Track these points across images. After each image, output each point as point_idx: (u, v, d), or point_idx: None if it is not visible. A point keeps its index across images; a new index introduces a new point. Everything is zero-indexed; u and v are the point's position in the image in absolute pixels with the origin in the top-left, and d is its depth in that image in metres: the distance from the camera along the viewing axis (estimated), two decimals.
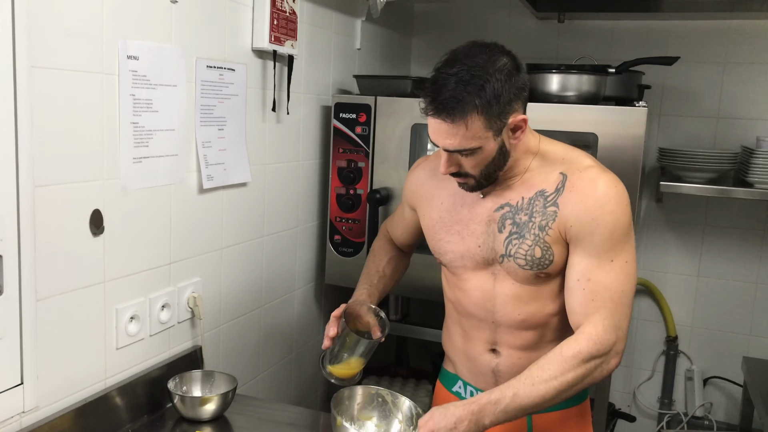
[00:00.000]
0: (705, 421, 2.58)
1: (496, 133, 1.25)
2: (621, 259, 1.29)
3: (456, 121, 1.22)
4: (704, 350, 2.62)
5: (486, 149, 1.26)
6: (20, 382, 1.21)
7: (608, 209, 1.27)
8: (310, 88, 2.10)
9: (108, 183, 1.36)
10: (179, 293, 1.60)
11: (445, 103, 1.21)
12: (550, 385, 1.24)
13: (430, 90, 1.24)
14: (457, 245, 1.42)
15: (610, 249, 1.28)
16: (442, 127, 1.24)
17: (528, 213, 1.34)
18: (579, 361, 1.25)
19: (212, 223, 1.71)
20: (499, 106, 1.22)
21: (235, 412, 1.52)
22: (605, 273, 1.28)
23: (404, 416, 1.40)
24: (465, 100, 1.20)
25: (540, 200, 1.33)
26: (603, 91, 2.01)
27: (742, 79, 2.44)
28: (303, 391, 2.28)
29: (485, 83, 1.21)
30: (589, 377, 1.27)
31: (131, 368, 1.48)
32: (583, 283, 1.29)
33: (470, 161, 1.28)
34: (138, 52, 1.39)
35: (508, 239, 1.35)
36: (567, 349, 1.26)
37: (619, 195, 1.29)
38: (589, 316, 1.28)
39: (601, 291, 1.28)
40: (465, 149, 1.25)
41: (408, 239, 1.66)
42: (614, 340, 1.27)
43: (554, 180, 1.33)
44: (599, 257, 1.28)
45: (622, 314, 1.29)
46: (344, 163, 2.14)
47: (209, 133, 1.64)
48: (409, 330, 2.28)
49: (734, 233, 2.52)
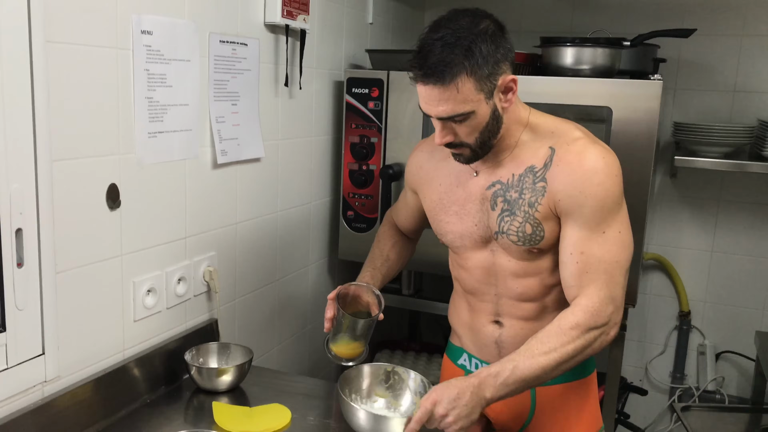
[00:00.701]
0: (717, 395, 2.59)
1: (488, 96, 1.24)
2: (613, 230, 1.29)
3: (446, 84, 1.20)
4: (717, 325, 2.62)
5: (479, 113, 1.25)
6: (42, 352, 1.24)
7: (596, 181, 1.27)
8: (323, 63, 2.10)
9: (124, 158, 1.38)
10: (195, 267, 1.62)
11: (433, 68, 1.20)
12: (550, 357, 1.25)
13: (417, 57, 1.23)
14: (455, 225, 1.43)
15: (601, 221, 1.28)
16: (433, 93, 1.23)
17: (518, 190, 1.34)
18: (578, 332, 1.26)
19: (227, 198, 1.72)
20: (488, 66, 1.21)
21: (250, 383, 1.55)
22: (598, 245, 1.28)
23: (415, 389, 1.41)
24: (453, 62, 1.19)
25: (530, 176, 1.33)
26: (618, 64, 2.00)
27: (760, 51, 2.41)
28: (317, 364, 2.31)
29: (471, 44, 1.20)
30: (588, 348, 1.28)
31: (149, 340, 1.51)
32: (576, 256, 1.29)
33: (465, 128, 1.27)
34: (152, 27, 1.39)
35: (500, 216, 1.36)
36: (565, 322, 1.27)
37: (608, 166, 1.28)
38: (584, 288, 1.29)
39: (594, 263, 1.28)
40: (458, 114, 1.24)
41: (412, 224, 1.65)
42: (611, 311, 1.28)
43: (543, 155, 1.32)
44: (591, 229, 1.28)
45: (617, 284, 1.30)
46: (357, 139, 2.14)
47: (223, 108, 1.65)
48: (422, 305, 2.29)
49: (749, 208, 2.51)
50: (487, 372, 1.25)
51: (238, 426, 1.36)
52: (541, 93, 1.94)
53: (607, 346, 1.33)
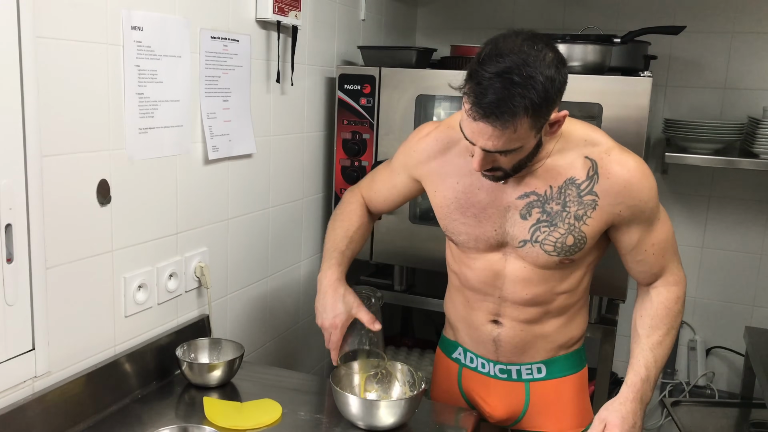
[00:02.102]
0: (707, 390, 2.61)
1: (537, 132, 1.20)
2: (662, 215, 1.39)
3: (505, 125, 1.14)
4: (707, 321, 2.63)
5: (525, 147, 1.22)
6: (32, 347, 1.24)
7: (646, 186, 1.32)
8: (315, 59, 2.10)
9: (114, 153, 1.38)
10: (186, 263, 1.62)
11: (494, 107, 1.12)
12: (671, 336, 1.38)
13: (474, 91, 1.14)
14: (472, 228, 1.41)
15: (655, 214, 1.36)
16: (486, 130, 1.16)
17: (560, 203, 1.33)
18: (680, 306, 1.41)
19: (218, 194, 1.72)
20: (548, 106, 1.16)
21: (242, 379, 1.55)
22: (659, 231, 1.38)
23: (403, 380, 1.44)
24: (516, 103, 1.11)
25: (572, 189, 1.32)
26: (608, 61, 2.00)
27: (750, 49, 2.42)
28: (309, 360, 2.31)
29: (535, 85, 1.11)
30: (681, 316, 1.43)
31: (140, 336, 1.51)
32: (650, 248, 1.38)
33: (507, 160, 1.24)
34: (142, 22, 1.39)
35: (536, 226, 1.35)
36: (666, 300, 1.40)
37: (646, 169, 1.34)
38: (665, 267, 1.41)
39: (664, 245, 1.39)
40: (507, 150, 1.20)
41: (389, 206, 1.61)
42: (683, 272, 1.44)
43: (581, 166, 1.32)
44: (651, 223, 1.36)
45: (677, 251, 1.44)
46: (349, 135, 2.15)
47: (214, 104, 1.65)
48: (414, 300, 2.30)
49: (739, 204, 2.52)
50: (637, 379, 1.33)
51: (229, 421, 1.36)
52: None
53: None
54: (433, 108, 2.17)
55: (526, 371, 1.50)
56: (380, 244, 2.17)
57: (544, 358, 1.49)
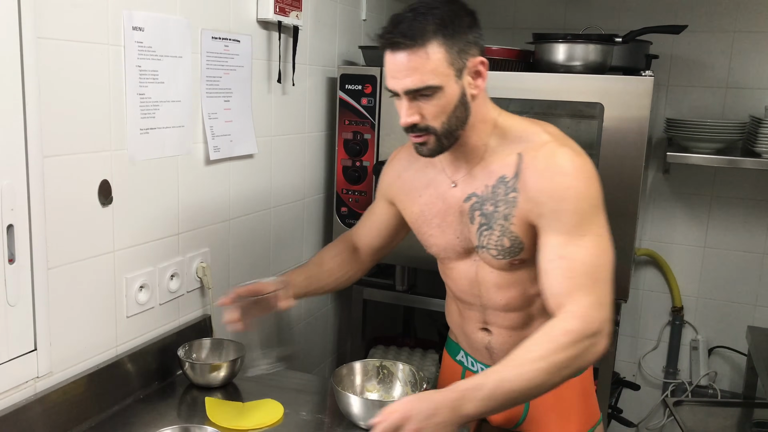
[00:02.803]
0: (709, 390, 2.60)
1: (458, 74, 1.20)
2: (592, 233, 1.21)
3: (416, 48, 1.17)
4: (710, 320, 2.63)
5: (447, 91, 1.20)
6: (34, 348, 1.24)
7: (567, 185, 1.21)
8: (316, 59, 2.10)
9: (116, 154, 1.38)
10: (188, 263, 1.62)
11: (404, 32, 1.17)
12: (538, 366, 1.13)
13: (387, 26, 1.21)
14: (438, 239, 1.41)
15: (578, 224, 1.21)
16: (401, 62, 1.18)
17: (493, 203, 1.29)
18: (569, 339, 1.15)
19: (219, 195, 1.72)
20: (460, 41, 1.19)
21: (244, 379, 1.55)
22: (578, 248, 1.20)
23: (405, 380, 1.44)
24: (425, 28, 1.17)
25: (502, 188, 1.28)
26: (610, 60, 2.00)
27: (752, 48, 2.41)
28: (311, 360, 2.31)
29: (445, 15, 1.18)
30: (579, 360, 1.16)
31: (142, 336, 1.51)
32: (557, 261, 1.21)
33: (432, 107, 1.21)
34: (143, 23, 1.39)
35: (479, 231, 1.33)
36: (553, 329, 1.17)
37: (577, 168, 1.22)
38: (570, 295, 1.18)
39: (577, 267, 1.19)
40: (426, 87, 1.18)
41: (373, 239, 1.57)
42: (601, 318, 1.18)
43: (512, 162, 1.27)
44: (569, 234, 1.21)
45: (603, 290, 1.20)
46: (350, 135, 2.14)
47: (215, 105, 1.65)
48: (416, 300, 2.30)
49: (741, 204, 2.52)
50: (467, 385, 1.13)
51: (231, 421, 1.36)
52: (533, 89, 1.95)
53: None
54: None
55: None
56: None
57: None
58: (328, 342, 2.44)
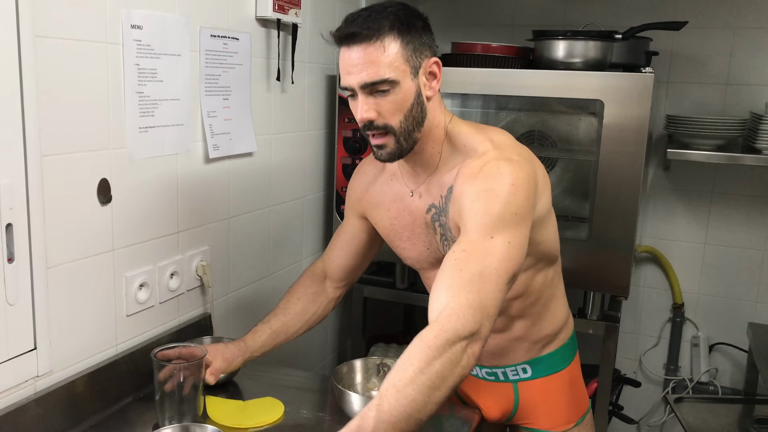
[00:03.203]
0: (710, 387, 2.60)
1: (413, 72, 1.21)
2: (503, 238, 1.15)
3: (373, 40, 1.18)
4: (710, 317, 2.63)
5: (403, 87, 1.19)
6: (33, 347, 1.24)
7: (488, 186, 1.19)
8: (315, 57, 2.10)
9: (115, 152, 1.37)
10: (188, 261, 1.62)
11: (359, 26, 1.18)
12: (418, 383, 1.00)
13: (342, 24, 1.22)
14: (410, 251, 1.42)
15: (490, 225, 1.16)
16: (357, 56, 1.18)
17: (446, 213, 1.30)
18: (443, 342, 1.03)
19: (219, 193, 1.72)
20: (415, 40, 1.21)
21: (244, 377, 1.55)
22: (481, 246, 1.14)
23: None
24: (381, 23, 1.18)
25: (450, 197, 1.28)
26: (609, 57, 2.00)
27: (752, 44, 2.41)
28: (311, 358, 2.31)
29: (399, 12, 1.20)
30: (458, 366, 1.04)
31: (142, 335, 1.51)
32: (457, 254, 1.14)
33: (388, 104, 1.20)
34: (141, 21, 1.39)
35: (442, 241, 1.34)
36: (426, 334, 1.05)
37: (504, 174, 1.19)
38: (455, 291, 1.08)
39: (471, 262, 1.11)
40: (382, 80, 1.17)
41: (347, 260, 1.54)
42: (479, 320, 1.07)
43: (455, 173, 1.28)
44: (478, 232, 1.16)
45: (491, 294, 1.10)
46: (350, 133, 2.14)
47: (214, 103, 1.65)
48: (416, 298, 2.30)
49: (742, 200, 2.51)
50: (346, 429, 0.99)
51: (232, 419, 1.36)
52: (533, 86, 1.94)
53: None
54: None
55: (512, 372, 1.50)
56: None
57: (527, 359, 1.49)
58: (329, 340, 2.44)
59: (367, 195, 1.47)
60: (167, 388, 1.29)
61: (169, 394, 1.29)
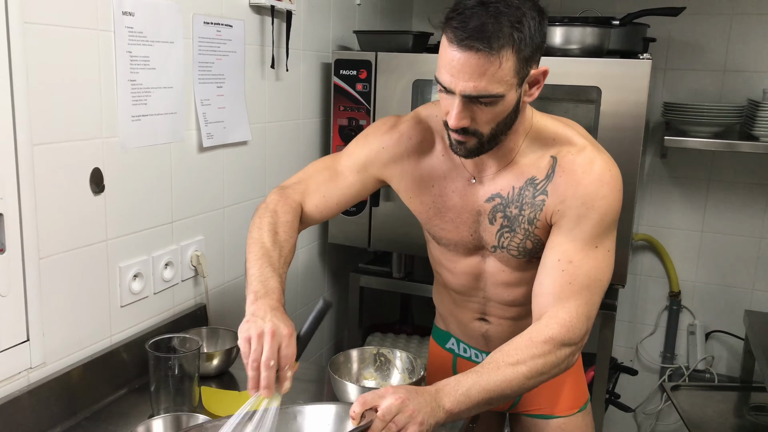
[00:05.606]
0: (706, 375, 2.60)
1: (519, 82, 1.11)
2: (605, 247, 1.21)
3: (491, 52, 1.04)
4: (707, 305, 2.63)
5: (507, 100, 1.11)
6: (26, 338, 1.23)
7: (602, 194, 1.19)
8: (310, 44, 2.07)
9: (107, 141, 1.36)
10: (182, 251, 1.60)
11: (479, 30, 1.04)
12: (518, 370, 1.12)
13: (457, 18, 1.06)
14: (451, 233, 1.36)
15: (596, 235, 1.20)
16: (470, 63, 1.06)
17: (518, 205, 1.26)
18: (551, 347, 1.15)
19: (213, 182, 1.70)
20: (530, 48, 1.08)
21: (239, 368, 1.54)
22: (588, 258, 1.20)
23: (403, 367, 1.43)
24: (502, 31, 1.04)
25: (530, 190, 1.24)
26: (607, 44, 1.98)
27: (750, 31, 2.39)
28: (308, 348, 2.30)
29: (522, 18, 1.06)
30: (557, 367, 1.17)
31: (136, 325, 1.49)
32: (564, 264, 1.20)
33: (486, 114, 1.12)
34: (133, 8, 1.37)
35: (500, 232, 1.29)
36: (537, 334, 1.16)
37: (613, 179, 1.21)
38: (564, 300, 1.19)
39: (580, 276, 1.19)
40: (489, 95, 1.09)
41: (330, 211, 1.40)
42: (585, 330, 1.19)
43: (545, 165, 1.23)
44: (584, 242, 1.20)
45: (594, 305, 1.21)
46: (345, 121, 2.12)
47: (208, 91, 1.63)
48: (413, 287, 2.29)
49: (739, 188, 2.51)
50: (446, 382, 1.11)
51: (227, 410, 1.35)
52: None
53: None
54: (430, 93, 2.15)
55: None
56: (378, 231, 2.15)
57: None
58: (325, 330, 2.43)
59: (407, 163, 1.34)
60: None
61: (164, 384, 1.29)
